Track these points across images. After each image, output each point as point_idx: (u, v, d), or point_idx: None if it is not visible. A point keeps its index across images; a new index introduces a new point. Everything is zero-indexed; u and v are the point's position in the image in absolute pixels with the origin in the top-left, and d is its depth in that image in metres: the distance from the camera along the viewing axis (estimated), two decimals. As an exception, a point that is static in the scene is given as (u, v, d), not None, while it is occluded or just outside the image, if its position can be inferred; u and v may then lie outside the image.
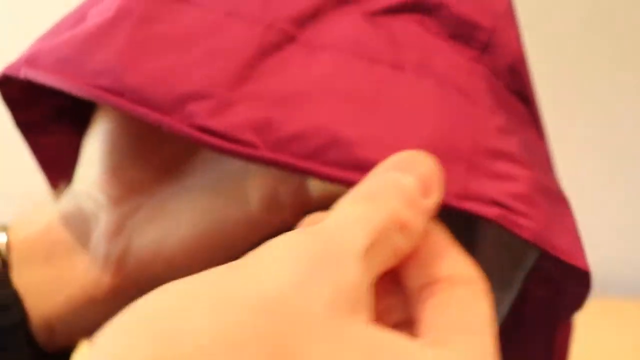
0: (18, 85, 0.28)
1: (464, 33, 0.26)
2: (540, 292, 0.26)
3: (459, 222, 0.42)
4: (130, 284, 0.27)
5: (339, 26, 0.25)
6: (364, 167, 0.21)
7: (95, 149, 0.28)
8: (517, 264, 0.28)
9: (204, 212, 0.27)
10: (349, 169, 0.21)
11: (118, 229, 0.27)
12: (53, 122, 0.31)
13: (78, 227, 0.27)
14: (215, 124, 0.22)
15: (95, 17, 0.25)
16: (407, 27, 0.25)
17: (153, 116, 0.22)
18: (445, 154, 0.21)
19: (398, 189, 0.20)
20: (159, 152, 0.29)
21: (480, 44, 0.26)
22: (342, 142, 0.21)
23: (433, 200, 0.20)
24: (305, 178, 0.28)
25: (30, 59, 0.25)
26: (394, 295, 0.21)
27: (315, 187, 0.28)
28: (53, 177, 0.31)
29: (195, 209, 0.27)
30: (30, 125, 0.30)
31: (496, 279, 0.29)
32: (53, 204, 0.29)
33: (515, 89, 0.26)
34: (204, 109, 0.22)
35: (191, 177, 0.29)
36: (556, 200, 0.24)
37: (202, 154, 0.29)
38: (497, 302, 0.28)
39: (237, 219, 0.27)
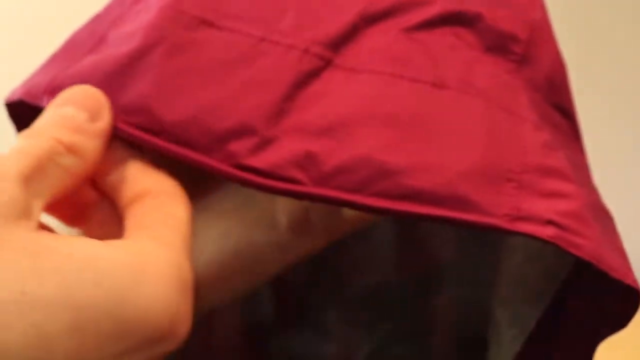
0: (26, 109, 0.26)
1: (500, 45, 0.25)
2: (580, 306, 0.25)
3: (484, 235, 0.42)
4: None
5: (375, 45, 0.24)
6: (412, 197, 0.20)
7: None
8: (549, 275, 0.27)
9: (231, 235, 0.27)
10: (398, 199, 0.20)
11: None
12: None
13: None
14: (258, 162, 0.21)
15: (119, 44, 0.24)
16: (444, 41, 0.25)
17: (194, 156, 0.22)
18: (495, 176, 0.21)
19: (59, 119, 0.22)
20: (187, 172, 0.28)
21: (517, 56, 0.25)
22: (388, 172, 0.21)
23: (103, 122, 0.22)
24: None
25: (52, 87, 0.24)
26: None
27: (348, 210, 0.27)
28: None
29: (221, 232, 0.27)
30: None
31: (525, 289, 0.29)
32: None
33: (554, 102, 0.26)
34: (245, 147, 0.21)
35: (217, 199, 0.28)
36: (602, 216, 0.24)
37: None
38: (528, 314, 0.28)
39: (264, 242, 0.27)
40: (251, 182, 0.21)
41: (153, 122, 0.22)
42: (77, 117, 0.22)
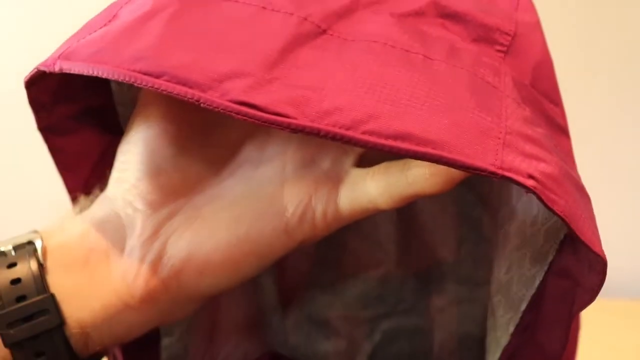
0: (46, 88, 0.28)
1: (486, 36, 0.27)
2: (559, 286, 0.26)
3: (480, 221, 0.43)
4: (162, 290, 0.27)
5: (369, 23, 0.26)
6: (402, 137, 0.21)
7: (133, 154, 0.28)
8: (539, 260, 0.28)
9: (241, 220, 0.27)
10: (388, 138, 0.21)
11: (154, 234, 0.27)
12: (74, 126, 0.31)
13: (114, 233, 0.28)
14: (252, 98, 0.22)
15: (129, 14, 0.26)
16: (432, 28, 0.26)
17: (191, 93, 0.22)
18: (480, 131, 0.22)
19: None
20: (199, 159, 0.29)
21: (503, 46, 0.27)
22: (380, 116, 0.22)
23: None
24: (336, 193, 0.28)
25: (65, 54, 0.26)
26: None
27: (345, 201, 0.28)
28: (71, 183, 0.32)
29: (231, 216, 0.27)
30: (52, 129, 0.30)
31: (519, 274, 0.29)
32: (87, 210, 0.29)
33: (540, 90, 0.27)
34: (241, 86, 0.22)
35: (228, 182, 0.29)
36: (581, 191, 0.25)
37: (239, 162, 0.30)
38: (521, 297, 0.29)
39: (273, 227, 0.27)
40: (248, 115, 0.22)
41: (154, 66, 0.23)
42: None
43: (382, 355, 0.45)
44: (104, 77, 0.24)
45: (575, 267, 0.25)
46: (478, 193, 0.42)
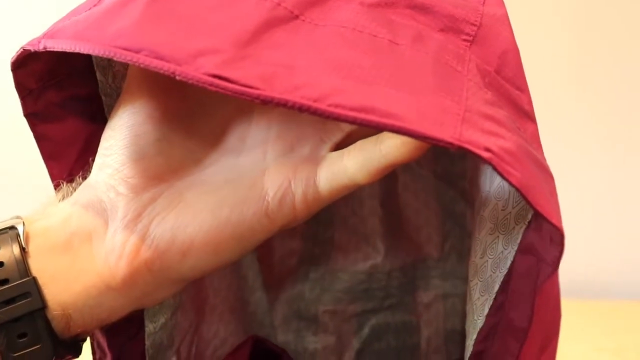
0: (33, 73, 0.29)
1: (453, 27, 0.28)
2: (524, 262, 0.27)
3: (457, 207, 0.43)
4: (144, 271, 0.28)
5: (339, 11, 0.27)
6: (366, 110, 0.22)
7: (117, 139, 0.29)
8: (510, 242, 0.29)
9: (223, 204, 0.28)
10: (353, 110, 0.22)
11: (137, 216, 0.28)
12: (60, 113, 0.32)
13: (96, 216, 0.28)
14: (224, 72, 0.23)
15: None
16: (400, 17, 0.28)
17: (167, 67, 0.23)
18: (441, 108, 0.23)
19: None
20: (182, 146, 0.30)
21: (469, 36, 0.28)
22: (344, 90, 0.23)
23: None
24: (314, 176, 0.29)
25: (50, 34, 0.27)
26: None
27: (324, 182, 0.29)
28: (55, 171, 0.32)
29: (214, 200, 0.28)
30: (38, 116, 0.31)
31: (493, 257, 0.30)
32: (69, 196, 0.30)
33: (505, 77, 0.28)
34: (215, 62, 0.23)
35: (210, 169, 0.30)
36: (543, 169, 0.26)
37: (221, 151, 0.31)
38: (495, 279, 0.29)
39: (255, 211, 0.28)
40: (218, 86, 0.23)
41: (133, 43, 0.24)
42: None
43: (370, 350, 0.46)
44: (85, 52, 0.25)
45: (538, 243, 0.26)
46: (459, 189, 0.43)
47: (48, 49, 0.26)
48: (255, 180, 0.29)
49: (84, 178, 0.30)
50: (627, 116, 0.77)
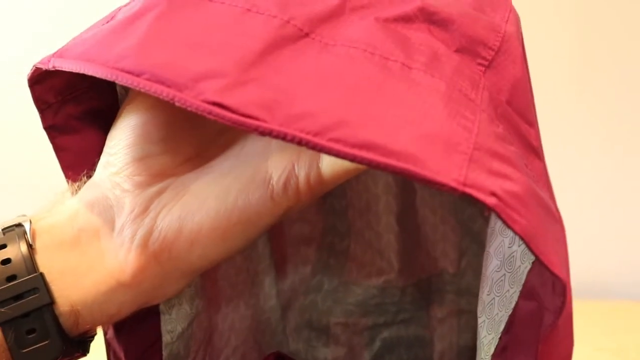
0: (51, 88, 0.29)
1: (470, 48, 0.27)
2: (526, 307, 0.26)
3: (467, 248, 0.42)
4: (153, 264, 0.28)
5: (352, 28, 0.26)
6: (367, 147, 0.21)
7: (121, 139, 0.29)
8: (515, 281, 0.28)
9: (228, 190, 0.28)
10: (353, 147, 0.21)
11: (144, 211, 0.28)
12: (78, 126, 0.32)
13: (103, 213, 0.28)
14: (224, 99, 0.22)
15: (123, 15, 0.27)
16: (417, 34, 0.27)
17: (167, 92, 0.23)
18: (448, 144, 0.22)
19: None
20: (187, 141, 0.30)
21: (486, 60, 0.27)
22: (348, 124, 0.22)
23: None
24: (317, 159, 0.29)
25: (59, 52, 0.27)
26: None
27: (327, 165, 0.29)
28: (73, 179, 0.33)
29: (219, 187, 0.28)
30: (57, 129, 0.32)
31: (500, 294, 0.30)
32: (75, 194, 0.30)
33: (516, 108, 0.27)
34: (215, 87, 0.23)
35: (215, 162, 0.30)
36: (549, 214, 0.25)
37: (226, 143, 0.31)
38: (502, 319, 0.29)
39: (260, 195, 0.28)
40: (218, 116, 0.22)
41: (135, 65, 0.24)
42: None
43: None
44: (91, 74, 0.25)
45: (541, 289, 0.25)
46: (478, 206, 0.43)
47: (57, 69, 0.27)
48: (260, 165, 0.29)
49: (89, 177, 0.30)
50: (627, 117, 0.76)
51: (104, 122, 0.33)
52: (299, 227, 0.45)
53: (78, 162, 0.32)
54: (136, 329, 0.33)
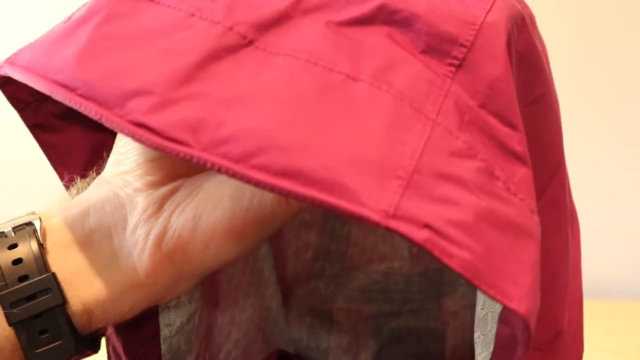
0: (25, 87, 0.28)
1: (437, 48, 0.24)
2: (502, 332, 0.25)
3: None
4: (167, 264, 0.27)
5: (300, 34, 0.25)
6: (290, 175, 0.20)
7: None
8: None
9: (243, 192, 0.27)
10: (275, 174, 0.20)
11: (157, 210, 0.27)
12: (61, 124, 0.32)
13: (115, 212, 0.28)
14: (151, 120, 0.22)
15: (76, 16, 0.26)
16: (373, 39, 0.24)
17: (95, 111, 0.23)
18: (382, 169, 0.21)
19: None
20: None
21: (456, 59, 0.24)
22: (273, 147, 0.21)
23: None
24: None
25: (11, 58, 0.27)
26: None
27: None
28: (64, 175, 0.32)
29: (233, 187, 0.27)
30: (40, 127, 0.31)
31: (493, 312, 0.28)
32: (83, 192, 0.29)
33: (494, 110, 0.24)
34: (143, 106, 0.22)
35: None
36: (518, 233, 0.22)
37: None
38: (493, 336, 0.27)
39: (274, 197, 0.27)
40: (142, 138, 0.22)
41: (71, 79, 0.24)
42: None
43: (389, 354, 0.44)
44: (33, 86, 0.24)
45: (511, 316, 0.23)
46: None
47: (8, 75, 0.26)
48: None
49: (98, 173, 0.30)
50: (627, 118, 0.75)
51: (88, 120, 0.31)
52: None
53: (66, 160, 0.32)
54: (134, 324, 0.32)
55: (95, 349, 0.29)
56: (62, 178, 0.32)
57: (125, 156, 0.28)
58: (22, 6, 0.82)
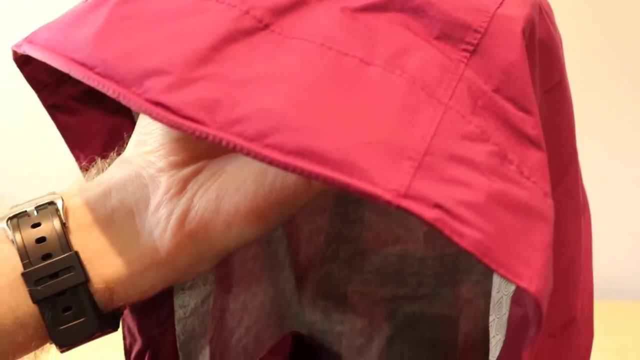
0: (43, 68, 0.29)
1: (451, 34, 0.25)
2: (515, 313, 0.24)
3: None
4: (189, 243, 0.27)
5: (315, 19, 0.25)
6: (303, 154, 0.20)
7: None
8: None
9: (266, 174, 0.27)
10: (289, 153, 0.21)
11: (181, 190, 0.28)
12: (78, 106, 0.32)
13: (137, 192, 0.28)
14: (168, 99, 0.22)
15: None
16: (387, 26, 0.25)
17: (114, 88, 0.23)
18: (394, 150, 0.21)
19: None
20: None
21: (470, 45, 0.24)
22: (287, 127, 0.21)
23: None
24: None
25: (30, 37, 0.27)
26: None
27: None
28: (81, 158, 0.33)
29: (256, 168, 0.27)
30: (57, 108, 0.32)
31: (507, 294, 0.28)
32: (104, 172, 0.29)
33: (508, 95, 0.24)
34: (160, 85, 0.23)
35: None
36: (530, 215, 0.22)
37: None
38: (507, 318, 0.27)
39: (297, 178, 0.27)
40: (159, 116, 0.22)
41: (89, 57, 0.24)
42: None
43: (402, 338, 0.44)
44: (52, 64, 0.25)
45: (524, 296, 0.23)
46: None
47: (26, 54, 0.27)
48: None
49: (119, 153, 0.30)
50: (627, 117, 0.75)
51: (105, 103, 0.32)
52: None
53: (82, 142, 0.32)
54: (149, 305, 0.33)
55: (116, 327, 0.29)
56: (78, 160, 0.33)
57: (149, 136, 0.28)
58: (22, 6, 0.82)
